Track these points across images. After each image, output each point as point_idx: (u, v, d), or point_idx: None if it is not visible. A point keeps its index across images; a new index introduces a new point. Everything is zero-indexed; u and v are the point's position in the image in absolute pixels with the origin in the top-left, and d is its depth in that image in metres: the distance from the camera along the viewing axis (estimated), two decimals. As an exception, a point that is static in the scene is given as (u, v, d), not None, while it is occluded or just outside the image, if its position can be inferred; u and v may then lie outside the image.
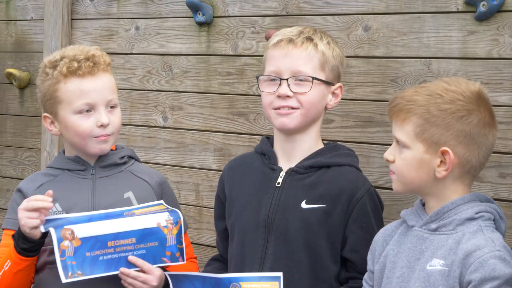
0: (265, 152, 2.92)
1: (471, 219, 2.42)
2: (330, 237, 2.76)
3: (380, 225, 2.80)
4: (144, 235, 2.76)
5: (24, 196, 2.90)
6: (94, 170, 2.95)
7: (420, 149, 2.46)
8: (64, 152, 3.02)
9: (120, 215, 2.79)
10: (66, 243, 2.70)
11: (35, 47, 4.52)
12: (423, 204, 2.55)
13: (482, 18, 3.06)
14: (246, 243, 2.84)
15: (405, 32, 3.26)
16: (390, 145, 3.27)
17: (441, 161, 2.44)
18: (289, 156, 2.87)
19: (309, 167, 2.82)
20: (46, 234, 2.74)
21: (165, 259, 2.79)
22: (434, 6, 3.18)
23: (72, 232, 2.71)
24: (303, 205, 2.77)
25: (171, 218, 2.79)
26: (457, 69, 3.13)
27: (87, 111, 2.87)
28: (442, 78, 2.55)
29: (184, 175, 3.86)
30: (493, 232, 2.40)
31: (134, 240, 2.76)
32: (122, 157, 2.99)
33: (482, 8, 3.05)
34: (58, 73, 2.88)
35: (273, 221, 2.80)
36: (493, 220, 2.45)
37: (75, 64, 2.87)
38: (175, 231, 2.79)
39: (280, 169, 2.85)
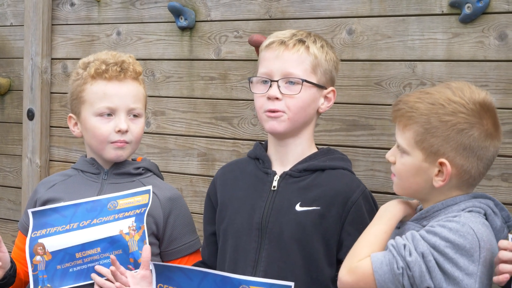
0: (259, 157, 2.90)
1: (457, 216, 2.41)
2: (325, 240, 2.75)
3: None
4: (107, 244, 2.78)
5: (35, 196, 3.00)
6: (106, 175, 2.96)
7: (419, 157, 2.43)
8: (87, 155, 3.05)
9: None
10: (38, 258, 2.79)
11: (15, 53, 4.48)
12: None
13: (467, 20, 3.06)
14: (239, 246, 2.82)
15: (390, 35, 3.25)
16: (374, 148, 3.31)
17: (439, 171, 2.42)
18: (283, 160, 2.86)
19: (304, 170, 2.81)
20: (11, 268, 2.86)
21: (130, 266, 2.78)
22: (419, 9, 3.17)
23: (43, 247, 2.78)
24: (298, 207, 2.76)
25: (134, 224, 2.78)
26: (442, 72, 3.12)
27: (108, 115, 2.90)
28: (449, 83, 2.49)
29: (168, 180, 3.82)
30: (472, 217, 2.37)
31: (99, 249, 2.78)
32: (138, 168, 2.99)
33: (467, 10, 3.04)
34: (87, 74, 2.93)
35: (266, 224, 2.78)
36: (485, 215, 2.43)
37: (103, 67, 2.91)
38: (137, 237, 2.78)
39: (274, 173, 2.84)
